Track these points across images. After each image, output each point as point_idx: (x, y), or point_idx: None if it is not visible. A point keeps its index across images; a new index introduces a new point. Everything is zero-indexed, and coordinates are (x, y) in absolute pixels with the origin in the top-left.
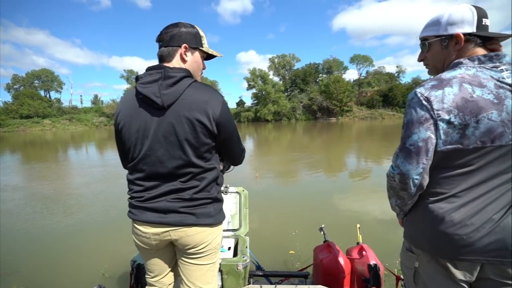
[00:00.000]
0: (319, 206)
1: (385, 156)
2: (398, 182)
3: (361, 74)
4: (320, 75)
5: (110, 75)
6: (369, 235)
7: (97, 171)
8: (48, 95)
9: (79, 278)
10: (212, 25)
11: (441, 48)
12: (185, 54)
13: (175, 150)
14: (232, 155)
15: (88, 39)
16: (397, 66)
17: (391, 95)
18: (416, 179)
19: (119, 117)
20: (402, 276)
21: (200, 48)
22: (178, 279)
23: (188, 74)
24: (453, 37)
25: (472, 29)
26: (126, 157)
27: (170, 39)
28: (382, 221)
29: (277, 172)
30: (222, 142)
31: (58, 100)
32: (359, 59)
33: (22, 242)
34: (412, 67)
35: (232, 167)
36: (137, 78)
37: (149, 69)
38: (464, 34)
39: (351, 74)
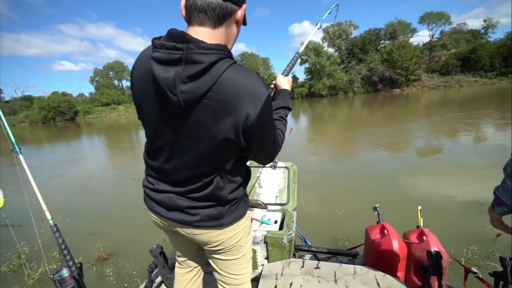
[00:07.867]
0: (376, 186)
1: (462, 129)
2: None
3: (433, 35)
4: (382, 41)
5: None
6: (433, 219)
7: None
8: (120, 84)
9: (146, 240)
10: None
11: None
12: (242, 20)
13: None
14: None
15: (147, 28)
16: (484, 20)
17: (474, 57)
18: None
19: (134, 89)
20: (473, 268)
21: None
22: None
23: (225, 54)
24: None
25: None
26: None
27: None
28: (449, 205)
29: (331, 149)
30: None
31: (129, 88)
32: (431, 18)
33: (113, 208)
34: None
35: None
36: (153, 44)
37: (169, 36)
38: None
39: (422, 37)
